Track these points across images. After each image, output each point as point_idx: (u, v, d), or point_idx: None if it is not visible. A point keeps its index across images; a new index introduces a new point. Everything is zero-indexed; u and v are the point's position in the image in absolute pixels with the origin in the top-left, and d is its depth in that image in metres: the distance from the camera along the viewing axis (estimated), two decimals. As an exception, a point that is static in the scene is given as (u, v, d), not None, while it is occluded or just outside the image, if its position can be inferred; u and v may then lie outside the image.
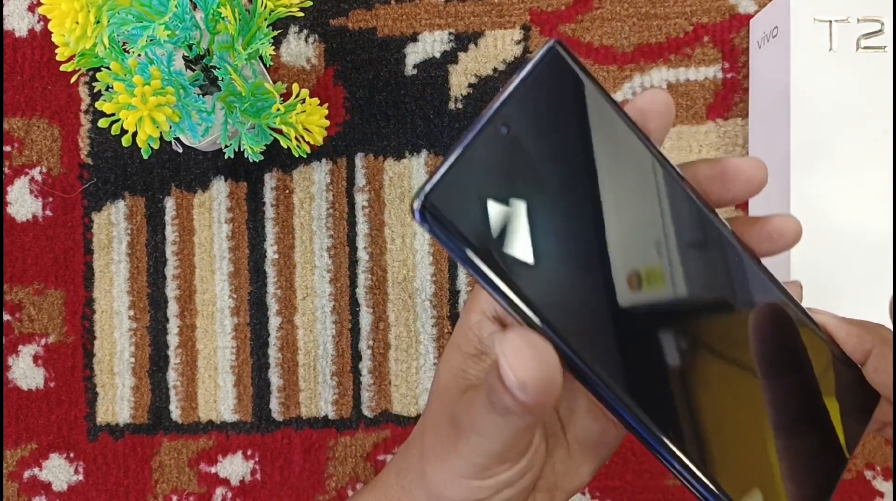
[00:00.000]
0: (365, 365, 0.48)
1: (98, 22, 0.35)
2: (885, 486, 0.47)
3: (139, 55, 0.37)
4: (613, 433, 0.34)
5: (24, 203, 0.48)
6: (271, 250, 0.48)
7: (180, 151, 0.47)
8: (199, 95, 0.41)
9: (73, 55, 0.37)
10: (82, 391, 0.48)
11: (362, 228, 0.48)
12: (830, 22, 0.41)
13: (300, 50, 0.48)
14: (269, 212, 0.48)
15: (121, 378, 0.48)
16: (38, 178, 0.48)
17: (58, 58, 0.36)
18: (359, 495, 0.33)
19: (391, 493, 0.33)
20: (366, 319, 0.48)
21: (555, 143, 0.25)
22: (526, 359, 0.24)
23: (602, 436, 0.33)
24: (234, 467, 0.48)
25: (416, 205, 0.24)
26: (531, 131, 0.25)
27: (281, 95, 0.40)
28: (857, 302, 0.40)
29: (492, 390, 0.26)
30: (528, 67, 0.25)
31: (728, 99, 0.47)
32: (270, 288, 0.48)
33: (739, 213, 0.47)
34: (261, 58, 0.40)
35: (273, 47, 0.39)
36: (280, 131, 0.40)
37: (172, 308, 0.48)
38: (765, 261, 0.29)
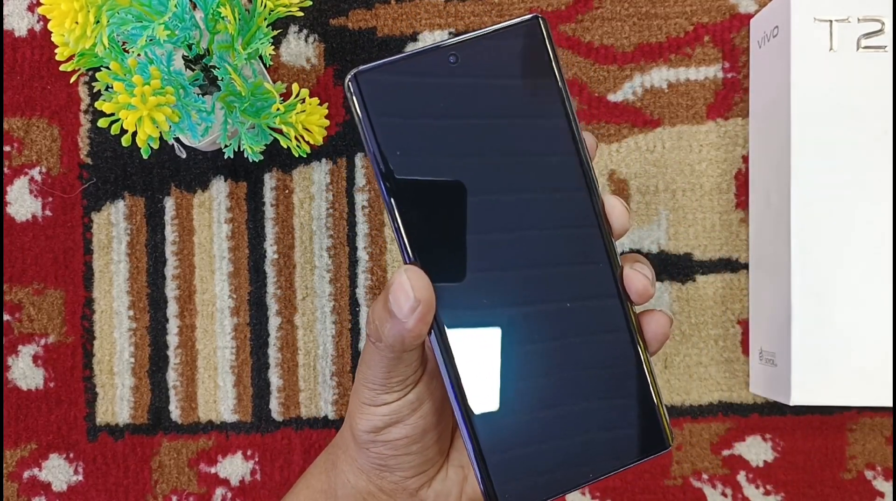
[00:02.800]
0: (365, 365, 0.48)
1: (98, 22, 0.35)
2: (885, 486, 0.47)
3: (139, 55, 0.37)
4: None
5: (23, 203, 0.48)
6: (271, 250, 0.48)
7: (183, 156, 0.47)
8: (198, 94, 0.41)
9: (73, 55, 0.37)
10: (82, 392, 0.48)
11: (362, 228, 0.48)
12: (831, 21, 0.41)
13: (300, 50, 0.48)
14: (269, 212, 0.48)
15: (120, 378, 0.48)
16: (38, 178, 0.48)
17: (57, 58, 0.36)
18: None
19: (335, 440, 0.37)
20: (366, 319, 0.48)
21: (486, 96, 0.29)
22: (423, 286, 0.29)
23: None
24: (234, 467, 0.48)
25: (348, 77, 0.29)
26: (473, 75, 0.29)
27: (281, 95, 0.39)
28: (857, 302, 0.40)
29: (369, 321, 0.31)
30: (505, 24, 0.29)
31: (728, 99, 0.47)
32: (270, 288, 0.48)
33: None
34: (260, 57, 0.40)
35: (273, 47, 0.39)
36: (280, 131, 0.40)
37: (172, 308, 0.48)
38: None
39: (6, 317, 0.48)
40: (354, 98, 0.29)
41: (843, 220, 0.40)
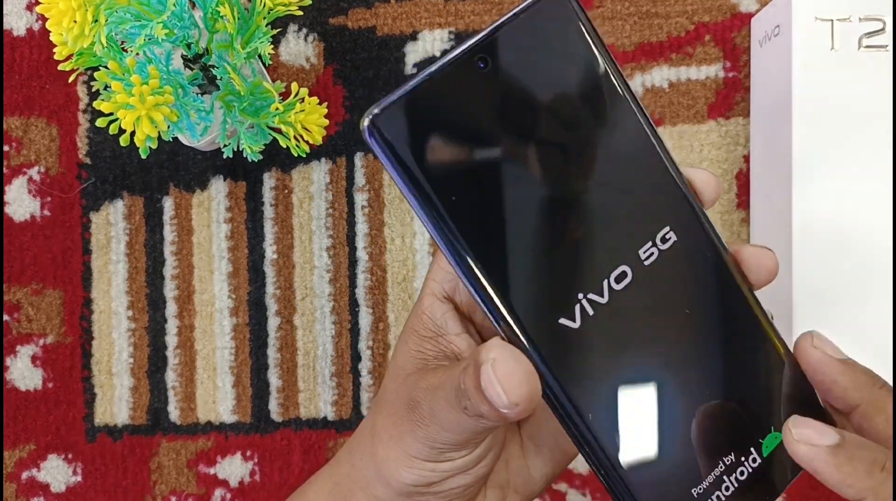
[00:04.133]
0: (364, 366, 0.48)
1: (96, 21, 0.35)
2: (886, 487, 0.46)
3: (137, 54, 0.37)
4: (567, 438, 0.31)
5: (22, 203, 0.48)
6: (270, 250, 0.48)
7: (197, 143, 0.46)
8: (197, 94, 0.41)
9: (72, 54, 0.37)
10: (80, 392, 0.48)
11: (362, 228, 0.48)
12: (832, 21, 0.41)
13: (299, 49, 0.48)
14: (268, 212, 0.48)
15: (119, 379, 0.48)
16: (37, 177, 0.48)
17: (56, 57, 0.36)
18: (316, 474, 0.33)
19: (341, 469, 0.32)
20: (365, 319, 0.47)
21: (535, 91, 0.23)
22: (516, 380, 0.23)
23: (557, 438, 0.33)
24: (233, 468, 0.48)
25: (365, 123, 0.22)
26: (512, 73, 0.23)
27: (280, 94, 0.39)
28: (858, 304, 0.40)
29: (464, 394, 0.25)
30: (525, 4, 0.23)
31: (729, 98, 0.47)
32: (269, 288, 0.48)
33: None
34: (260, 57, 0.40)
35: (272, 46, 0.39)
36: (279, 131, 0.40)
37: (171, 309, 0.48)
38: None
39: (5, 317, 0.48)
40: (378, 150, 0.22)
41: (845, 219, 0.40)
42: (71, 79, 0.47)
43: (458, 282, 0.30)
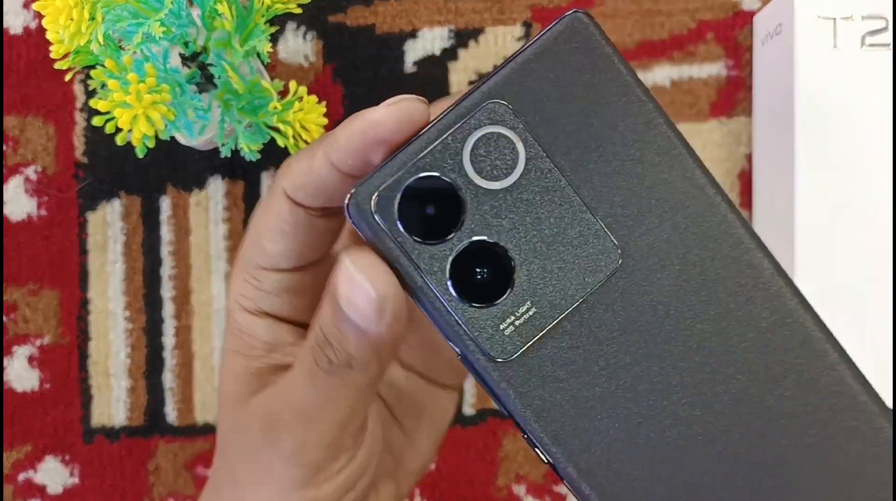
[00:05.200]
0: (364, 366, 0.47)
1: (93, 19, 0.34)
2: (889, 488, 0.46)
3: (134, 52, 0.37)
4: (444, 395, 0.30)
5: (18, 202, 0.48)
6: (269, 250, 0.47)
7: (188, 143, 0.46)
8: (195, 92, 0.40)
9: (68, 52, 0.37)
10: (77, 393, 0.48)
11: (361, 227, 0.47)
12: (835, 19, 0.40)
13: (298, 47, 0.47)
14: (267, 211, 0.48)
15: (116, 380, 0.48)
16: (33, 177, 0.48)
17: (52, 55, 0.36)
18: None
19: None
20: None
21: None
22: (381, 272, 0.21)
23: (434, 404, 0.30)
24: (232, 469, 0.48)
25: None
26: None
27: (278, 93, 0.39)
28: (860, 304, 0.40)
29: (322, 344, 0.23)
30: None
31: (732, 96, 0.47)
32: (268, 289, 0.48)
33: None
34: (258, 55, 0.39)
35: (270, 44, 0.38)
36: (277, 129, 0.40)
37: (168, 309, 0.48)
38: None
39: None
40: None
41: (848, 219, 0.40)
42: (68, 77, 0.46)
43: (276, 298, 0.26)
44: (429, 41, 0.47)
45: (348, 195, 0.20)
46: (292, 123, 0.39)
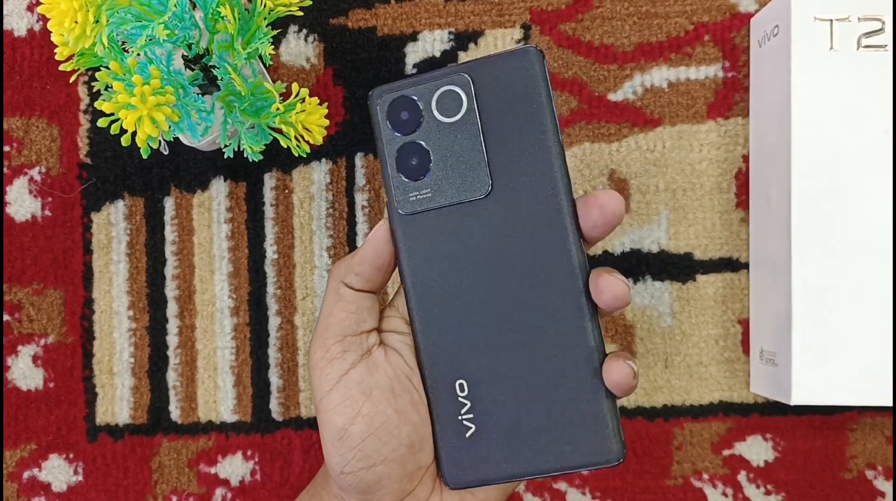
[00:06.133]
0: (365, 365, 0.48)
1: (97, 21, 0.35)
2: (886, 486, 0.47)
3: (138, 55, 0.37)
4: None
5: (23, 203, 0.48)
6: (271, 250, 0.48)
7: (166, 152, 0.46)
8: (198, 94, 0.41)
9: (72, 55, 0.37)
10: (81, 392, 0.48)
11: (362, 228, 0.48)
12: (831, 21, 0.41)
13: (300, 49, 0.48)
14: (269, 212, 0.48)
15: (120, 379, 0.48)
16: (37, 178, 0.48)
17: (57, 57, 0.36)
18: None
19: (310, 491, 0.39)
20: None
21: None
22: (383, 221, 0.34)
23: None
24: (234, 467, 0.48)
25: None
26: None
27: (280, 95, 0.39)
28: (857, 302, 0.40)
29: (334, 270, 0.35)
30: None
31: (729, 98, 0.47)
32: (270, 288, 0.48)
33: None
34: (260, 57, 0.40)
35: (272, 47, 0.39)
36: (279, 131, 0.40)
37: (172, 308, 0.48)
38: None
39: (6, 317, 0.48)
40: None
41: (844, 219, 0.40)
42: (72, 79, 0.47)
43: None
44: (429, 43, 0.47)
45: (373, 91, 0.34)
46: (294, 124, 0.39)
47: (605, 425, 0.33)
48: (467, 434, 0.34)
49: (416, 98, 0.33)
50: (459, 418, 0.34)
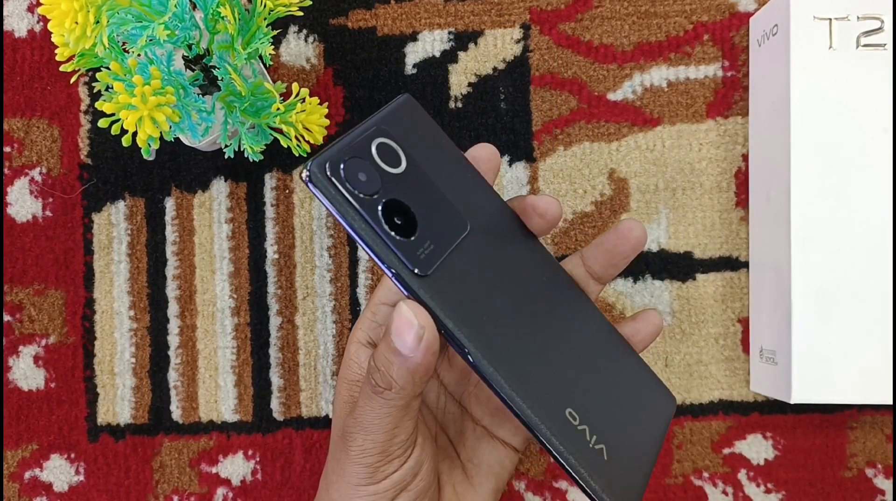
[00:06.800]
0: (365, 365, 0.48)
1: (97, 22, 0.35)
2: (885, 484, 0.47)
3: (139, 55, 0.37)
4: (504, 452, 0.37)
5: (23, 204, 0.48)
6: (271, 250, 0.48)
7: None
8: (198, 94, 0.41)
9: (73, 55, 0.37)
10: (83, 392, 0.48)
11: (362, 227, 0.48)
12: (830, 20, 0.41)
13: (300, 49, 0.48)
14: (270, 212, 0.48)
15: (121, 379, 0.48)
16: (38, 178, 0.48)
17: (57, 58, 0.36)
18: None
19: None
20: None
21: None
22: (424, 312, 0.29)
23: (493, 456, 0.37)
24: (235, 467, 0.48)
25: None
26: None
27: (281, 95, 0.40)
28: (857, 300, 0.40)
29: (373, 371, 0.30)
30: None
31: (728, 97, 0.47)
32: (271, 288, 0.48)
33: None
34: (260, 57, 0.40)
35: (273, 47, 0.39)
36: (280, 131, 0.40)
37: (173, 308, 0.48)
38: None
39: (7, 318, 0.48)
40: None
41: (843, 218, 0.40)
42: (72, 80, 0.47)
43: (382, 328, 0.35)
44: (429, 43, 0.47)
45: (303, 169, 0.28)
46: (295, 124, 0.39)
47: (657, 382, 0.36)
48: (605, 458, 0.31)
49: (361, 157, 0.30)
50: (591, 446, 0.31)
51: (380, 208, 0.29)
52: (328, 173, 0.28)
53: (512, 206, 0.34)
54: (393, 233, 0.29)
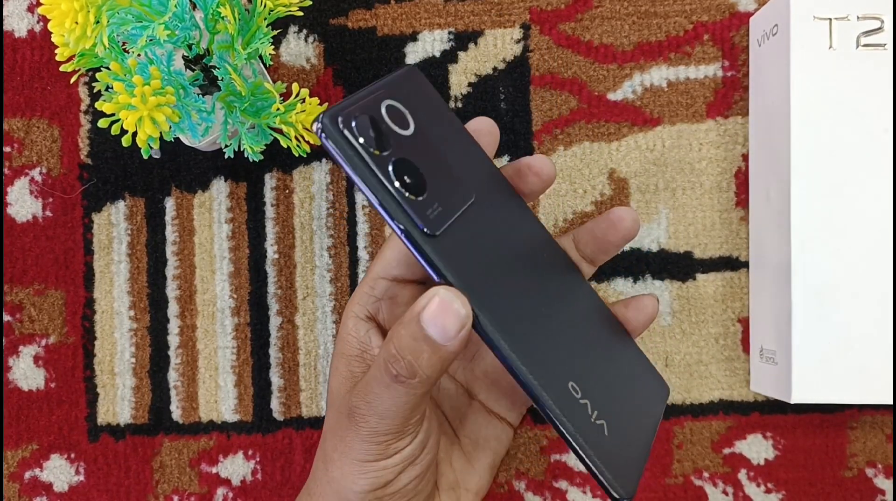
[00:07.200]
0: (366, 365, 0.48)
1: (98, 22, 0.35)
2: (886, 484, 0.47)
3: (139, 55, 0.37)
4: (500, 427, 0.37)
5: (24, 204, 0.48)
6: (271, 250, 0.48)
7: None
8: (198, 94, 0.41)
9: (73, 55, 0.37)
10: (83, 392, 0.48)
11: (363, 227, 0.48)
12: (830, 20, 0.41)
13: (300, 49, 0.48)
14: (270, 212, 0.48)
15: (121, 379, 0.48)
16: (38, 178, 0.48)
17: (57, 58, 0.36)
18: None
19: None
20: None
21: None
22: (465, 299, 0.28)
23: (490, 431, 0.37)
24: (235, 467, 0.48)
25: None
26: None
27: (281, 95, 0.40)
28: (857, 300, 0.40)
29: (393, 360, 0.29)
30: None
31: (728, 97, 0.47)
32: (271, 288, 0.48)
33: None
34: (260, 57, 0.40)
35: (273, 47, 0.39)
36: (280, 131, 0.40)
37: (173, 308, 0.48)
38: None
39: (7, 318, 0.48)
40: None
41: (844, 218, 0.40)
42: (73, 80, 0.47)
43: (381, 302, 0.35)
44: (429, 43, 0.47)
45: (316, 120, 0.28)
46: (295, 124, 0.39)
47: (652, 367, 0.37)
48: (606, 433, 0.31)
49: (373, 115, 0.30)
50: (592, 421, 0.31)
51: (391, 164, 0.29)
52: (340, 126, 0.28)
53: (506, 172, 0.35)
54: (403, 190, 0.29)
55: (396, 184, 0.29)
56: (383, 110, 0.30)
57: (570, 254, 0.37)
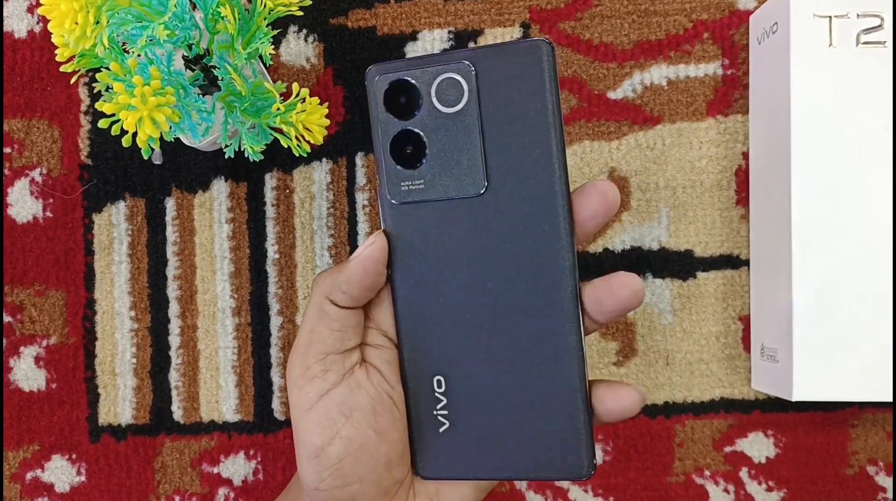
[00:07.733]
0: (367, 364, 0.48)
1: (97, 22, 0.35)
2: (887, 481, 0.47)
3: (139, 55, 0.37)
4: (465, 489, 0.36)
5: (24, 205, 0.48)
6: (272, 250, 0.48)
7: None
8: (199, 94, 0.41)
9: (73, 56, 0.37)
10: (84, 392, 0.48)
11: (363, 227, 0.48)
12: (830, 18, 0.41)
13: (300, 49, 0.48)
14: (270, 212, 0.48)
15: (122, 379, 0.48)
16: (39, 179, 0.48)
17: (57, 58, 0.36)
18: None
19: None
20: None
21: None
22: (380, 235, 0.33)
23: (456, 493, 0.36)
24: (237, 467, 0.48)
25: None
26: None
27: (281, 95, 0.39)
28: (857, 300, 0.40)
29: (316, 286, 0.33)
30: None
31: (728, 95, 0.47)
32: (271, 288, 0.48)
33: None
34: (260, 57, 0.40)
35: (273, 47, 0.39)
36: (280, 131, 0.40)
37: (174, 309, 0.48)
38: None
39: (8, 319, 0.48)
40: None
41: (844, 216, 0.40)
42: (73, 80, 0.47)
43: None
44: (429, 43, 0.47)
45: (370, 69, 0.32)
46: (295, 124, 0.39)
47: (578, 441, 0.32)
48: (441, 430, 0.34)
49: (415, 83, 0.31)
50: (435, 413, 0.34)
51: (393, 132, 0.32)
52: (376, 81, 0.32)
53: (574, 193, 0.33)
54: (392, 158, 0.32)
55: (386, 147, 0.32)
56: (436, 81, 0.31)
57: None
